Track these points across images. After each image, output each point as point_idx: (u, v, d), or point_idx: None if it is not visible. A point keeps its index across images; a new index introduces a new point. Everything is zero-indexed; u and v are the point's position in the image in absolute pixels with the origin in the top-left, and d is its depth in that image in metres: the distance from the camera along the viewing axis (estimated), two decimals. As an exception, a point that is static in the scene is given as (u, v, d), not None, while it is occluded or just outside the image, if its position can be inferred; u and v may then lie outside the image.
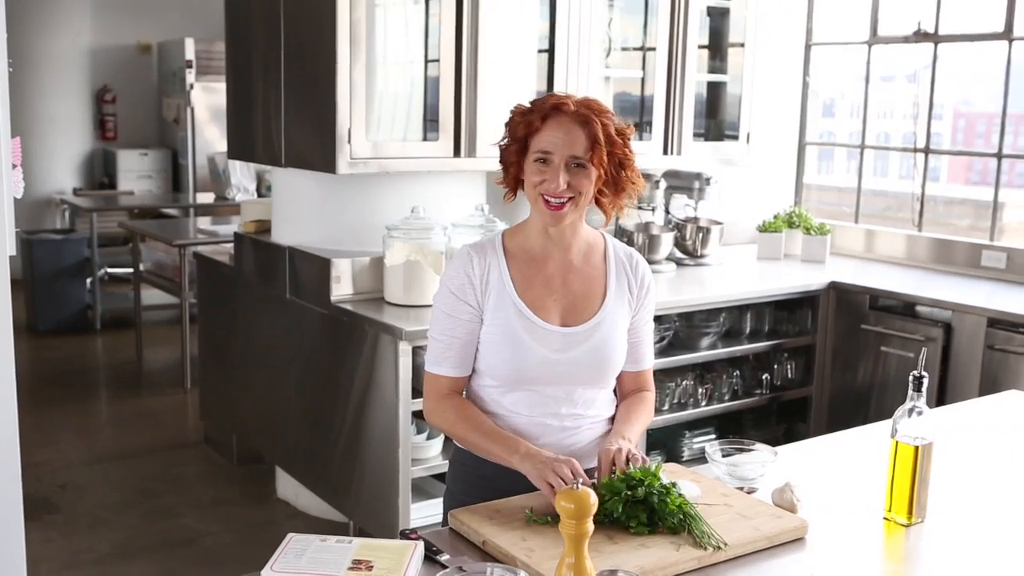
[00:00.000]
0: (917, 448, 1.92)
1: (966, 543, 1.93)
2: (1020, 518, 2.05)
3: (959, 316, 4.10)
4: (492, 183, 4.04)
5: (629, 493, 1.83)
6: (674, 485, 1.86)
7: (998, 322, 3.98)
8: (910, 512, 1.95)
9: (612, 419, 2.21)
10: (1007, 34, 4.61)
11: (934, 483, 1.98)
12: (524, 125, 2.03)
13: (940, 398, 4.04)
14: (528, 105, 2.08)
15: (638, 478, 1.85)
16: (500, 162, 2.12)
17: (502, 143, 2.10)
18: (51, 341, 7.15)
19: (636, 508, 1.82)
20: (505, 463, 2.00)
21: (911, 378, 1.92)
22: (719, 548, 1.77)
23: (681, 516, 1.82)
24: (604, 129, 2.00)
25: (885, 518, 1.98)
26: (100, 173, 9.45)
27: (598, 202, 2.08)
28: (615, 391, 2.24)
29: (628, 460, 1.93)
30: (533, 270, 2.10)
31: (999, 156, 4.75)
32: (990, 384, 3.90)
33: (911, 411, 1.93)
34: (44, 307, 7.29)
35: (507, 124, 2.09)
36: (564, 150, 1.98)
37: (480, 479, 2.12)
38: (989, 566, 1.84)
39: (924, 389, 1.93)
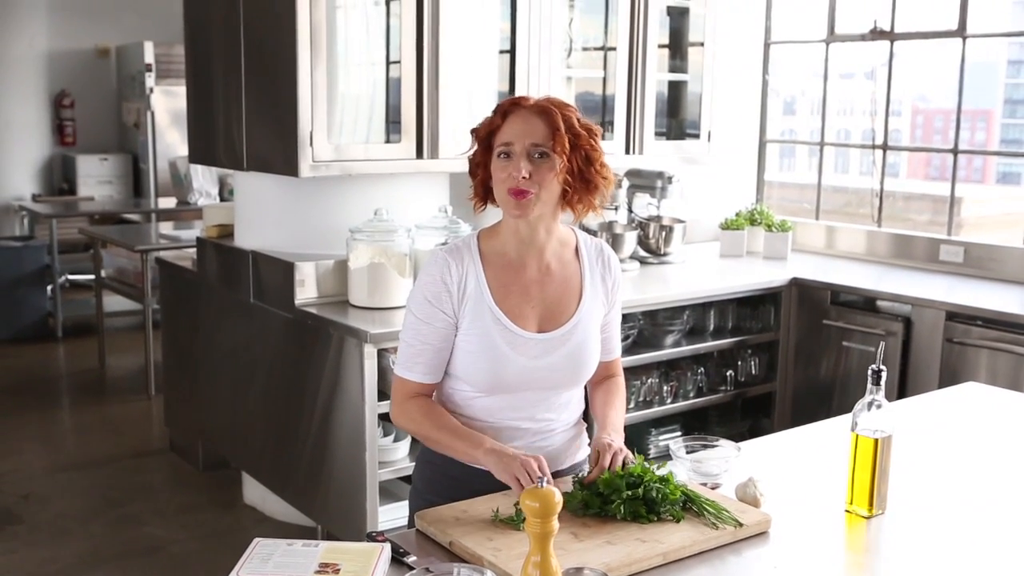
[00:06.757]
0: (876, 441, 1.95)
1: (926, 534, 1.96)
2: (978, 508, 2.09)
3: (918, 310, 4.16)
4: (455, 184, 4.05)
5: (630, 493, 1.88)
6: (672, 475, 1.94)
7: (956, 315, 4.04)
8: (871, 504, 1.97)
9: (582, 417, 2.24)
10: (961, 32, 4.68)
11: (894, 475, 2.01)
12: (486, 125, 2.04)
13: (901, 391, 4.10)
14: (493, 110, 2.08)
15: (637, 474, 1.92)
16: (469, 173, 2.10)
17: (469, 154, 2.09)
18: (11, 349, 7.05)
19: (635, 504, 1.88)
20: (470, 459, 2.00)
21: (870, 372, 1.95)
22: (740, 525, 1.85)
23: (687, 501, 1.91)
24: (566, 120, 1.99)
25: (847, 511, 2.00)
26: (59, 179, 9.34)
27: (568, 202, 2.05)
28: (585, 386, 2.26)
29: (624, 463, 1.99)
30: (510, 277, 2.08)
31: (955, 152, 4.82)
32: (949, 376, 3.96)
33: (870, 404, 1.96)
34: (4, 315, 7.19)
35: (472, 132, 2.08)
36: (524, 139, 1.97)
37: (448, 479, 2.11)
38: (949, 556, 1.87)
39: (883, 383, 1.95)
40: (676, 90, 4.85)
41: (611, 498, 1.89)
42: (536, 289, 2.09)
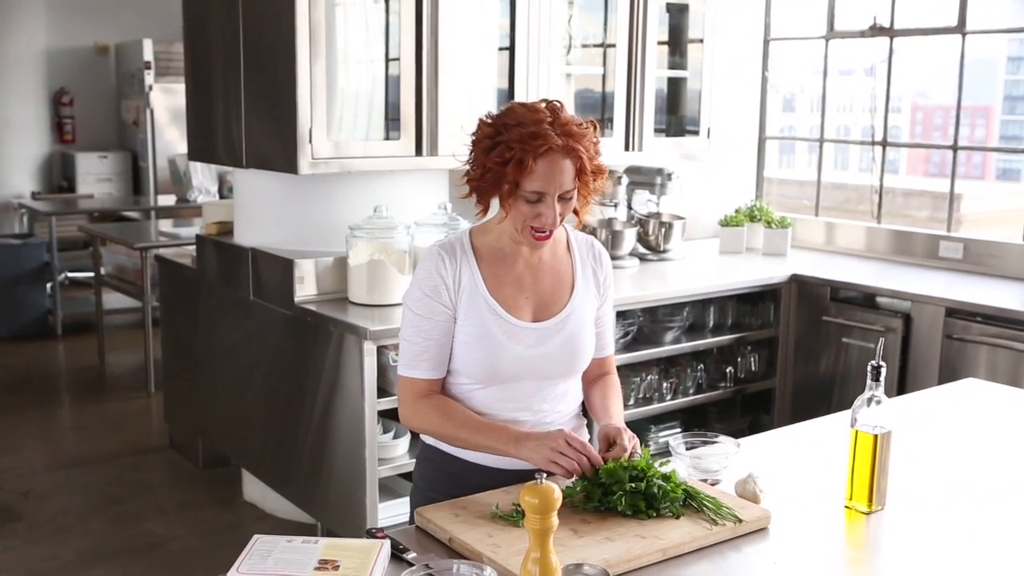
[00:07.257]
0: (876, 437, 1.95)
1: (925, 529, 1.97)
2: (978, 504, 2.09)
3: (918, 306, 4.16)
4: (454, 181, 4.05)
5: (632, 486, 1.89)
6: (674, 473, 1.94)
7: (956, 312, 4.04)
8: (870, 500, 1.98)
9: (580, 412, 2.26)
10: (960, 28, 4.67)
11: (894, 471, 2.01)
12: (515, 166, 1.94)
13: (900, 387, 4.10)
14: (496, 128, 1.98)
15: (641, 468, 1.92)
16: (473, 189, 2.03)
17: (472, 167, 2.02)
18: (11, 347, 7.05)
19: (636, 498, 1.89)
20: (500, 454, 2.02)
21: (869, 368, 1.95)
22: (739, 522, 1.86)
23: (687, 498, 1.91)
24: (586, 152, 1.99)
25: (846, 506, 2.01)
26: (58, 176, 9.34)
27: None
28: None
29: (632, 452, 2.00)
30: (503, 269, 2.11)
31: (955, 148, 4.82)
32: (949, 372, 3.96)
33: (870, 400, 1.96)
34: (4, 313, 7.19)
35: (485, 147, 1.99)
36: (556, 189, 1.97)
37: (448, 476, 2.13)
38: (948, 551, 1.87)
39: (882, 379, 1.95)
40: (675, 87, 4.85)
41: (612, 489, 1.89)
42: (529, 280, 2.12)
